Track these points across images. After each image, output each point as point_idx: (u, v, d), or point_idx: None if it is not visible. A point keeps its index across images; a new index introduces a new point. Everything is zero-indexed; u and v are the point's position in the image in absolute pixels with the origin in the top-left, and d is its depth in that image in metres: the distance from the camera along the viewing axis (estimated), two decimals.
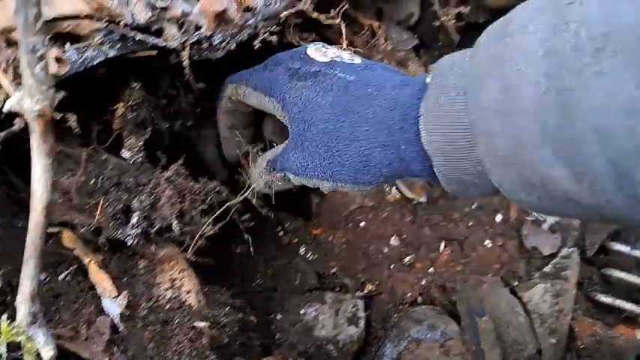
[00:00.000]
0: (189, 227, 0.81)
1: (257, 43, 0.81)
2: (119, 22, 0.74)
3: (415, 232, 1.12)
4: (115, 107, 0.84)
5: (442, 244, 1.12)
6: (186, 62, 0.81)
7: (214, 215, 0.82)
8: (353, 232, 1.10)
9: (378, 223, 1.11)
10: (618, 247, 1.11)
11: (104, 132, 0.86)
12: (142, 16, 0.73)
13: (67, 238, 0.76)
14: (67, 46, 0.71)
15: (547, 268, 1.10)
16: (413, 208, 1.14)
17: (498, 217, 1.15)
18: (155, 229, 0.79)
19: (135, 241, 0.78)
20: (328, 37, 0.94)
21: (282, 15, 0.85)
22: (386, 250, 1.11)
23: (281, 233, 1.09)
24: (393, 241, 1.11)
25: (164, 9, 0.76)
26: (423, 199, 1.14)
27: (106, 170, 0.81)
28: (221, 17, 0.78)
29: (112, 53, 0.75)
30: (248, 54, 0.87)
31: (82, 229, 0.77)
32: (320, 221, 1.09)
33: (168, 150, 0.97)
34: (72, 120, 0.78)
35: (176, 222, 0.79)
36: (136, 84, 0.85)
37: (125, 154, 0.85)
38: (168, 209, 0.79)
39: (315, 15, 0.87)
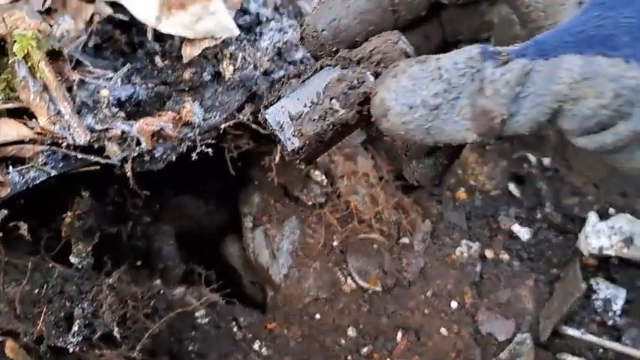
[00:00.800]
0: (132, 330, 0.84)
1: (194, 155, 0.86)
2: (61, 143, 0.80)
3: (372, 322, 1.14)
4: (64, 216, 0.89)
5: (399, 334, 1.14)
6: (129, 174, 0.87)
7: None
8: (309, 325, 1.12)
9: (334, 315, 1.13)
10: (571, 331, 1.13)
11: (54, 239, 0.90)
12: (82, 138, 0.79)
13: (10, 347, 0.80)
14: (10, 169, 0.77)
15: (503, 355, 1.11)
16: (369, 297, 1.16)
17: (454, 304, 1.17)
18: (97, 335, 0.82)
19: (77, 348, 0.81)
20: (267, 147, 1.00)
21: (221, 127, 0.91)
22: (343, 341, 1.12)
23: (235, 329, 1.11)
24: (350, 332, 1.13)
25: (105, 130, 0.82)
26: (377, 288, 1.16)
27: (51, 278, 0.85)
28: (158, 135, 0.84)
29: (54, 172, 0.80)
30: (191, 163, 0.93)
31: (25, 338, 0.80)
32: (275, 315, 1.12)
33: (121, 251, 1.02)
34: (23, 229, 0.83)
35: (117, 328, 0.82)
36: (85, 193, 0.90)
37: (73, 260, 0.89)
38: (109, 316, 0.82)
39: (254, 126, 0.92)
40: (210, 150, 0.88)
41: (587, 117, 0.41)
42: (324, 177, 1.12)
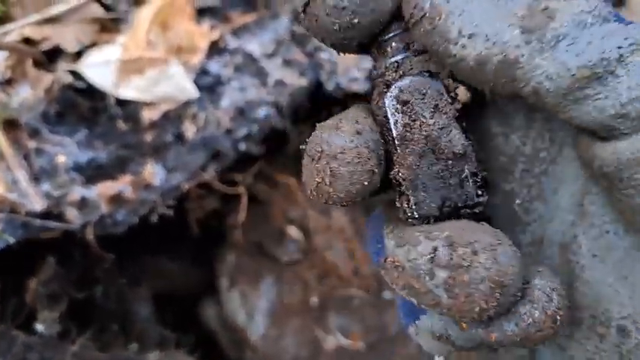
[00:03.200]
0: None
1: (155, 218, 0.86)
2: (19, 210, 0.81)
3: None
4: (29, 282, 0.88)
5: None
6: (91, 238, 0.86)
7: None
8: None
9: None
10: None
11: (21, 305, 0.90)
12: (39, 205, 0.79)
13: None
14: None
15: None
16: (351, 355, 1.13)
17: (440, 359, 1.13)
18: None
19: None
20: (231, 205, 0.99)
21: (184, 187, 0.91)
22: None
23: None
24: None
25: (63, 195, 0.82)
26: (360, 345, 1.13)
27: (14, 347, 0.84)
28: (118, 198, 0.84)
29: (12, 240, 0.80)
30: (165, 224, 0.93)
31: None
32: None
33: (95, 316, 1.01)
34: None
35: None
36: (50, 258, 0.90)
37: (39, 327, 0.88)
38: None
39: (218, 187, 0.92)
40: (171, 212, 0.87)
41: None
42: (299, 232, 1.11)
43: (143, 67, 0.87)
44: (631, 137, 0.35)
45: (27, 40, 0.84)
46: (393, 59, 0.41)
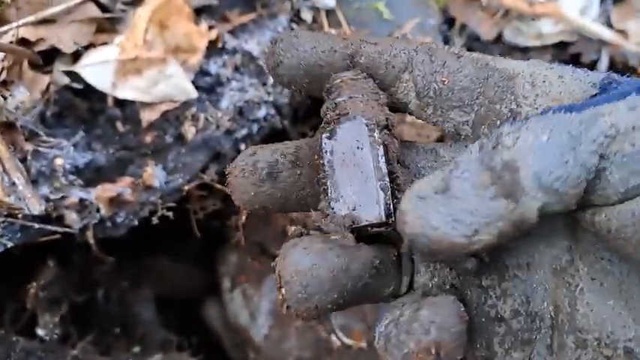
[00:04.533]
0: None
1: (155, 220, 0.85)
2: (18, 214, 0.80)
3: None
4: (29, 286, 0.88)
5: None
6: (91, 241, 0.85)
7: None
8: None
9: None
10: None
11: (21, 310, 0.89)
12: (37, 208, 0.78)
13: None
14: None
15: None
16: (354, 354, 1.12)
17: None
18: None
19: None
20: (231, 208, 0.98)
21: (184, 189, 0.90)
22: None
23: None
24: None
25: (61, 198, 0.81)
26: (363, 344, 1.12)
27: (14, 352, 0.83)
28: (117, 200, 0.83)
29: (11, 244, 0.80)
30: (168, 225, 0.92)
31: None
32: None
33: (96, 319, 1.00)
34: None
35: None
36: (50, 262, 0.89)
37: (40, 332, 0.88)
38: None
39: (219, 187, 0.91)
40: (171, 213, 0.87)
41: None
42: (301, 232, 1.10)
43: (141, 68, 0.86)
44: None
45: (22, 41, 0.83)
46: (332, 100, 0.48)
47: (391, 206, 0.44)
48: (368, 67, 0.49)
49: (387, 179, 0.44)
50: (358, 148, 0.45)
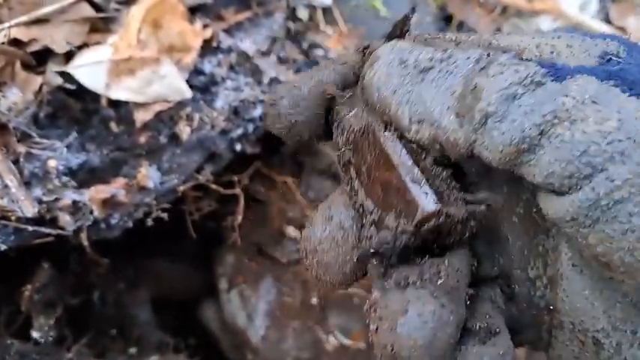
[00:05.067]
0: None
1: (150, 221, 0.84)
2: (11, 217, 0.79)
3: None
4: (24, 289, 0.87)
5: None
6: (85, 243, 0.85)
7: None
8: None
9: None
10: None
11: (16, 313, 0.88)
12: (30, 210, 0.77)
13: None
14: None
15: None
16: (353, 355, 1.12)
17: None
18: None
19: None
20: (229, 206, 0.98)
21: (179, 190, 0.89)
22: None
23: None
24: None
25: (55, 200, 0.81)
26: (361, 345, 1.11)
27: (9, 356, 0.82)
28: (111, 202, 0.82)
29: (4, 247, 0.79)
30: (164, 226, 0.91)
31: None
32: None
33: (93, 321, 0.99)
34: None
35: None
36: (44, 264, 0.88)
37: (35, 334, 0.87)
38: None
39: (214, 188, 0.90)
40: (166, 215, 0.86)
41: (578, 144, 0.34)
42: (298, 233, 1.09)
43: (135, 68, 0.85)
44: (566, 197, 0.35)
45: (15, 42, 0.82)
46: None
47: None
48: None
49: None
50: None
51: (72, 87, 0.84)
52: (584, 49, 0.41)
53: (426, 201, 0.38)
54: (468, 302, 0.41)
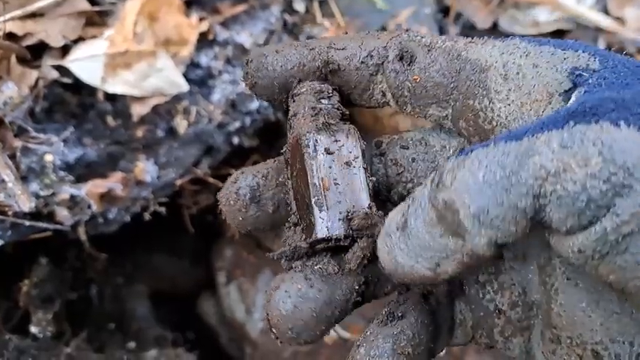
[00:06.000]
0: None
1: (147, 215, 0.84)
2: (8, 212, 0.78)
3: None
4: (22, 284, 0.87)
5: None
6: (83, 238, 0.85)
7: None
8: None
9: None
10: None
11: (14, 308, 0.88)
12: (26, 205, 0.77)
13: None
14: None
15: None
16: (351, 349, 1.11)
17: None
18: None
19: None
20: None
21: (177, 183, 0.89)
22: None
23: None
24: None
25: (52, 194, 0.80)
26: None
27: (7, 351, 0.82)
28: (107, 196, 0.82)
29: (1, 242, 0.78)
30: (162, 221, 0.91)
31: None
32: None
33: (92, 316, 0.99)
34: None
35: None
36: (42, 259, 0.88)
37: (33, 329, 0.87)
38: None
39: (212, 181, 0.90)
40: (163, 209, 0.86)
41: (575, 196, 0.32)
42: None
43: (131, 61, 0.84)
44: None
45: (10, 36, 0.81)
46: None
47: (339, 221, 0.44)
48: (339, 76, 0.49)
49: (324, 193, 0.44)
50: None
51: (68, 81, 0.84)
52: (552, 66, 0.41)
53: (320, 226, 0.42)
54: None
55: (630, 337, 0.39)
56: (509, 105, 0.42)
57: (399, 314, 0.45)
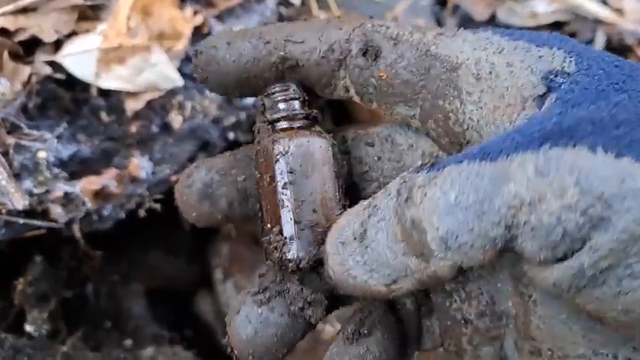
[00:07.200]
0: None
1: (142, 212, 0.83)
2: (1, 210, 0.77)
3: None
4: (17, 282, 0.86)
5: None
6: (78, 235, 0.84)
7: None
8: None
9: None
10: None
11: (9, 307, 0.87)
12: (20, 203, 0.76)
13: None
14: None
15: None
16: None
17: None
18: None
19: None
20: None
21: (172, 180, 0.88)
22: None
23: None
24: None
25: (46, 192, 0.79)
26: None
27: (2, 350, 0.81)
28: (101, 193, 0.81)
29: None
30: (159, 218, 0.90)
31: None
32: None
33: (88, 314, 0.98)
34: None
35: None
36: (37, 257, 0.87)
37: (28, 328, 0.86)
38: None
39: None
40: (159, 205, 0.85)
41: (550, 228, 0.31)
42: None
43: (125, 56, 0.83)
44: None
45: (2, 32, 0.80)
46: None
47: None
48: (298, 72, 0.46)
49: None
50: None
51: (61, 77, 0.83)
52: (527, 66, 0.38)
53: (289, 248, 0.42)
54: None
55: (614, 349, 0.37)
56: (481, 108, 0.39)
57: (365, 331, 0.44)
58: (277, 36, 0.45)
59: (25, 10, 0.84)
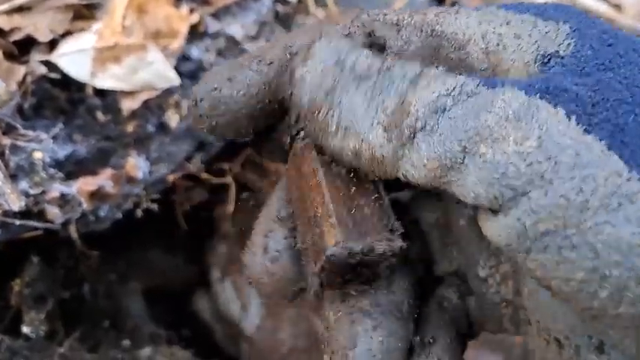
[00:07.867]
0: None
1: (139, 212, 0.83)
2: None
3: None
4: (13, 284, 0.85)
5: None
6: (74, 236, 0.83)
7: None
8: None
9: None
10: None
11: (5, 308, 0.87)
12: (16, 204, 0.75)
13: None
14: None
15: None
16: None
17: None
18: None
19: None
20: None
21: (169, 179, 0.87)
22: None
23: None
24: None
25: (42, 193, 0.79)
26: None
27: None
28: (98, 194, 0.80)
29: None
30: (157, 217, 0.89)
31: None
32: None
33: (85, 315, 0.98)
34: None
35: None
36: (34, 258, 0.87)
37: (25, 330, 0.85)
38: None
39: (205, 177, 0.89)
40: (156, 205, 0.84)
41: (497, 166, 0.32)
42: None
43: (120, 55, 0.83)
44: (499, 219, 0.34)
45: None
46: None
47: None
48: None
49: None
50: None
51: (56, 76, 0.82)
52: (535, 41, 0.38)
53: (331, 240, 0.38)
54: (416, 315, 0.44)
55: (588, 330, 0.38)
56: None
57: (429, 340, 0.43)
58: (277, 52, 0.43)
59: (19, 10, 0.83)
